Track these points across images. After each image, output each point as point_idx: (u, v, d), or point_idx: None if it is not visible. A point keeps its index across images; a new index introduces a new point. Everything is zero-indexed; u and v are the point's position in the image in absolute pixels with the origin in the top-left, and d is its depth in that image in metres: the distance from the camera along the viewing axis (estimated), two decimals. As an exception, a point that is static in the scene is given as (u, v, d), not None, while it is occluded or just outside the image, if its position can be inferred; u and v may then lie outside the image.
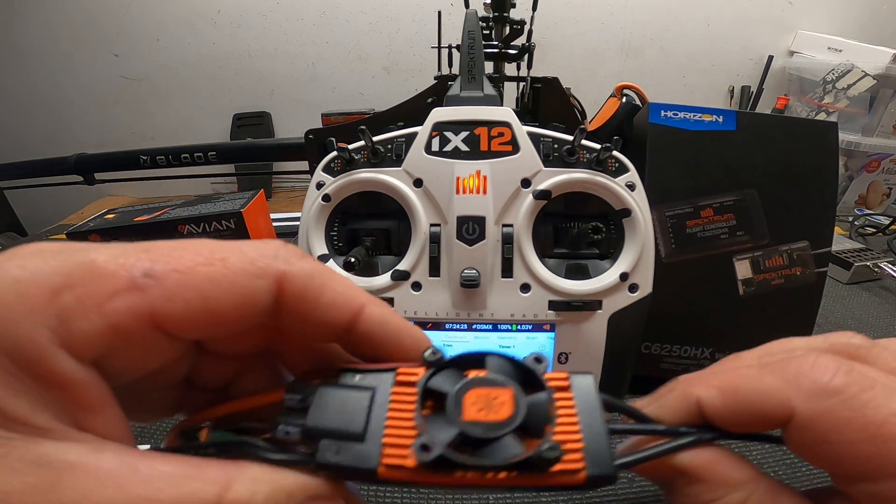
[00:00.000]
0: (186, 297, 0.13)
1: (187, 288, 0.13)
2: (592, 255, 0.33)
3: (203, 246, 0.14)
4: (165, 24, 1.20)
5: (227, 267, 0.14)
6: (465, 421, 0.14)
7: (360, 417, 0.15)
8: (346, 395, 0.16)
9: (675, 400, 0.17)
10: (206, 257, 0.14)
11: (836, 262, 0.60)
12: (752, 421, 0.16)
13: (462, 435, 0.14)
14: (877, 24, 1.23)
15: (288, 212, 0.82)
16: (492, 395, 0.14)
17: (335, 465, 0.14)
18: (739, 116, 0.37)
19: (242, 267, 0.14)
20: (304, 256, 0.16)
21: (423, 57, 1.22)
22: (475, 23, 0.34)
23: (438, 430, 0.14)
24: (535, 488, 0.14)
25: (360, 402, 0.15)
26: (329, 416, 0.15)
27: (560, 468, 0.14)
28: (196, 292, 0.14)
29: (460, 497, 0.31)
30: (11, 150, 1.23)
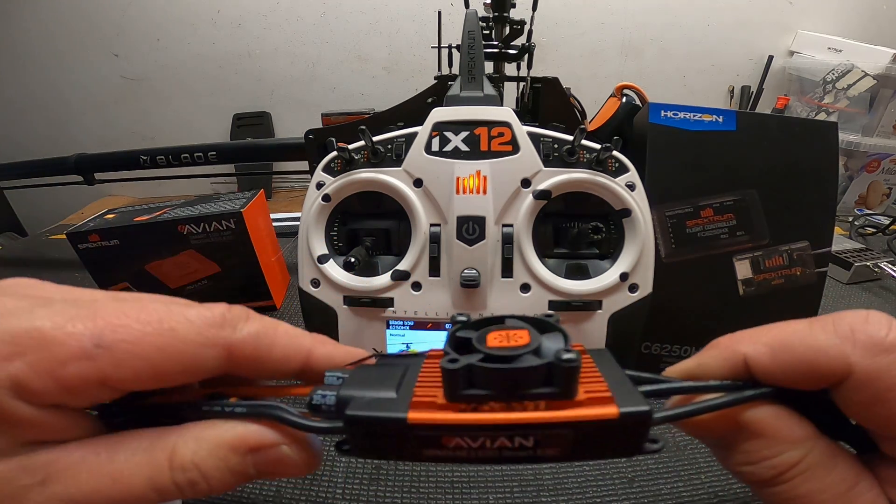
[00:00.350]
0: (135, 366, 0.15)
1: (135, 357, 0.15)
2: (592, 255, 0.33)
3: (151, 313, 0.15)
4: (165, 25, 1.20)
5: (176, 337, 0.15)
6: (488, 347, 0.15)
7: (393, 383, 0.16)
8: (380, 370, 0.17)
9: (718, 358, 0.17)
10: (155, 327, 0.15)
11: (836, 262, 0.60)
12: (804, 378, 0.15)
13: (486, 356, 0.14)
14: (877, 24, 1.23)
15: (288, 212, 0.82)
16: (511, 333, 0.15)
17: (364, 416, 0.15)
18: (739, 116, 0.37)
19: (191, 337, 0.15)
20: (248, 318, 0.17)
21: (423, 57, 1.22)
22: (475, 23, 0.34)
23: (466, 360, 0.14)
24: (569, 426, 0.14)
25: (392, 373, 0.17)
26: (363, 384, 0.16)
27: (590, 397, 0.14)
28: (144, 361, 0.15)
29: (460, 497, 0.31)
30: (11, 150, 1.23)
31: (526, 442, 0.14)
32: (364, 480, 0.32)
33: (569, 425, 0.14)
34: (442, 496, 0.31)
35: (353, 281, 0.31)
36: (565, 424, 0.14)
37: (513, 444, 0.15)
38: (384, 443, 0.15)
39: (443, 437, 0.15)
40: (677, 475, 0.32)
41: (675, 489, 0.31)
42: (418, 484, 0.32)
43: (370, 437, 0.15)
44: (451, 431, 0.15)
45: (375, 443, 0.15)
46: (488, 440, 0.15)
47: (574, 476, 0.32)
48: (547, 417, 0.14)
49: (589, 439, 0.15)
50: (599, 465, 0.33)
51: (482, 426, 0.14)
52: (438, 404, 0.15)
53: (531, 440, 0.14)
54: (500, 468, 0.33)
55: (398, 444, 0.15)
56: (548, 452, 0.15)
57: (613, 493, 0.31)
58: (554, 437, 0.14)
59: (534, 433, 0.14)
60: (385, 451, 0.15)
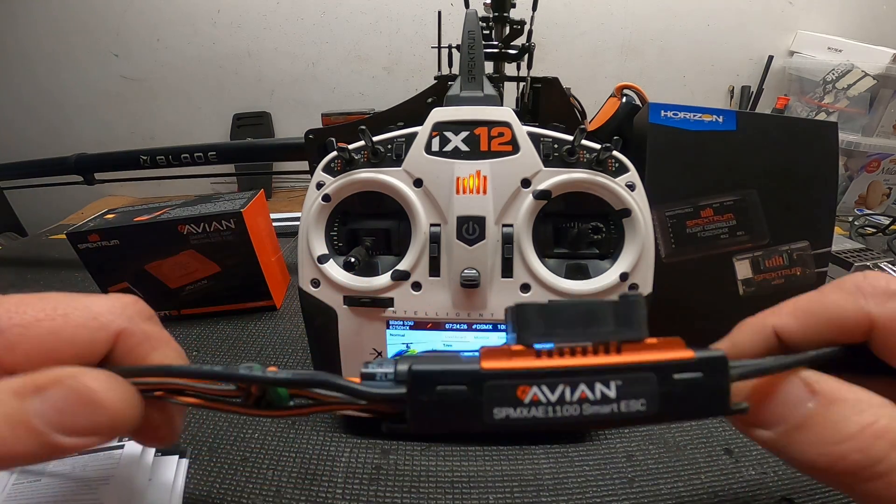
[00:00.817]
0: (26, 349, 0.16)
1: (27, 340, 0.16)
2: (592, 255, 0.33)
3: (50, 302, 0.16)
4: (165, 24, 1.20)
5: (68, 322, 0.16)
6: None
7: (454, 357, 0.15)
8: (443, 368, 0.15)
9: (749, 333, 0.18)
10: (48, 313, 0.16)
11: (836, 262, 0.60)
12: (833, 334, 0.16)
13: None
14: (877, 24, 1.23)
15: (288, 212, 0.82)
16: None
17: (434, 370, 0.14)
18: (739, 116, 0.37)
19: (84, 322, 0.17)
20: (150, 318, 0.18)
21: (423, 57, 1.22)
22: (475, 23, 0.34)
23: None
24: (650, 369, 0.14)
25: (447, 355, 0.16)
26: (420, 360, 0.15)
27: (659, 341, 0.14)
28: (35, 344, 0.16)
29: (460, 497, 0.31)
30: (11, 150, 1.23)
31: (608, 391, 0.14)
32: (364, 480, 0.32)
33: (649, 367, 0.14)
34: (442, 496, 0.31)
35: (353, 281, 0.31)
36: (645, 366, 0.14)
37: (594, 394, 0.14)
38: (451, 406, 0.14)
39: (518, 386, 0.14)
40: (677, 475, 0.32)
41: (675, 489, 0.31)
42: (418, 484, 0.32)
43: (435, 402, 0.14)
44: (527, 378, 0.14)
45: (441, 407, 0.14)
46: (568, 388, 0.14)
47: (574, 476, 0.32)
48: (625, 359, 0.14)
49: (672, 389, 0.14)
50: (599, 465, 0.33)
51: (560, 370, 0.14)
52: (512, 350, 0.14)
53: (613, 389, 0.14)
54: (500, 468, 0.33)
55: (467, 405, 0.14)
56: (633, 407, 0.14)
57: (613, 493, 0.31)
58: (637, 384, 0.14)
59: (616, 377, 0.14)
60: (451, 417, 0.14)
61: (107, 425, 0.15)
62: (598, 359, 0.14)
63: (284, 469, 0.33)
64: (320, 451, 0.34)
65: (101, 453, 0.32)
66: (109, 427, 0.15)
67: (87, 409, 0.15)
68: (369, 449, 0.34)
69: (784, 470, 0.32)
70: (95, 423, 0.15)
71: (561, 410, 0.14)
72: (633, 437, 0.36)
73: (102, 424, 0.15)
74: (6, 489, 0.29)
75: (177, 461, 0.32)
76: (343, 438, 0.35)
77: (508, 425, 0.14)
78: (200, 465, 0.33)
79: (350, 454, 0.34)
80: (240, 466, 0.33)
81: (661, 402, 0.14)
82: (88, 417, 0.15)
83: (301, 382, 0.15)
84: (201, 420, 0.38)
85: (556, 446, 0.35)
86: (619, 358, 0.14)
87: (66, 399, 0.15)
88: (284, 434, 0.36)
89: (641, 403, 0.14)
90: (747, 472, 0.32)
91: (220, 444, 0.35)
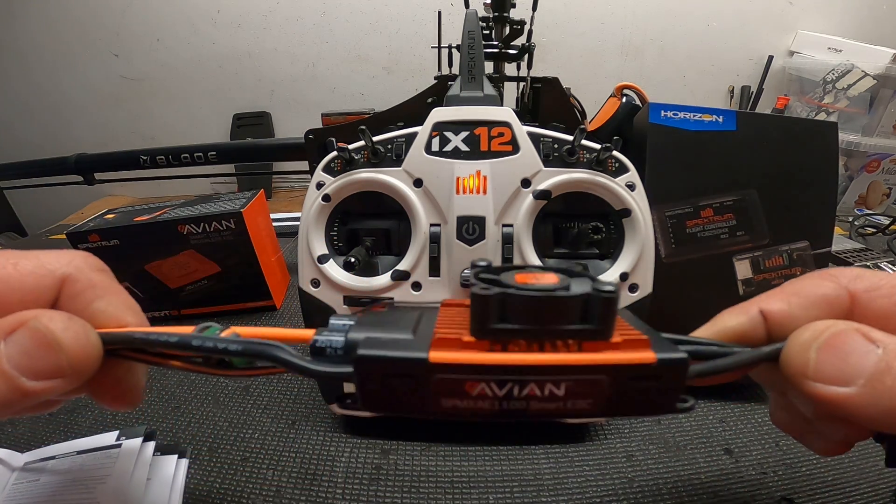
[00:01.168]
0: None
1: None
2: (592, 255, 0.33)
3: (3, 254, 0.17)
4: (165, 24, 1.20)
5: (17, 269, 0.17)
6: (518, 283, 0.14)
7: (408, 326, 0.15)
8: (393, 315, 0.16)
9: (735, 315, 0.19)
10: (1, 262, 0.17)
11: (836, 262, 0.60)
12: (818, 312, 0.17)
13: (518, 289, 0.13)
14: (877, 24, 1.23)
15: (288, 212, 0.82)
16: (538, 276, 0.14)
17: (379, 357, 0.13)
18: (739, 116, 0.37)
19: (32, 269, 0.17)
20: (101, 270, 0.19)
21: (423, 57, 1.22)
22: (475, 23, 0.34)
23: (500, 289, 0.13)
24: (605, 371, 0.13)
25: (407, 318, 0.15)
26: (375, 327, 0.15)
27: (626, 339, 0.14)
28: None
29: (460, 497, 0.31)
30: (11, 150, 1.23)
31: (557, 390, 0.13)
32: (364, 480, 0.32)
33: (605, 370, 0.13)
34: (442, 496, 0.31)
35: (353, 281, 0.31)
36: (601, 369, 0.13)
37: (542, 392, 0.13)
38: (398, 391, 0.14)
39: (466, 381, 0.13)
40: (677, 475, 0.32)
41: (675, 489, 0.31)
42: (418, 484, 0.32)
43: (382, 385, 0.14)
44: (476, 373, 0.13)
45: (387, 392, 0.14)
46: (517, 387, 0.13)
47: (574, 476, 0.32)
48: (583, 359, 0.13)
49: (624, 390, 0.13)
50: (599, 465, 0.33)
51: (512, 367, 0.13)
52: (464, 342, 0.13)
53: (563, 388, 0.13)
54: (500, 468, 0.33)
55: (414, 392, 0.14)
56: (579, 405, 0.14)
57: (613, 493, 0.31)
58: (588, 385, 0.13)
59: (567, 378, 0.13)
60: (397, 401, 0.14)
61: (67, 366, 0.16)
62: (553, 356, 0.13)
63: (284, 469, 0.33)
64: (320, 451, 0.34)
65: (99, 452, 0.32)
66: (70, 367, 0.16)
67: (48, 350, 0.15)
68: (369, 449, 0.34)
69: (784, 470, 0.32)
70: (56, 364, 0.15)
71: (508, 405, 0.13)
72: (633, 437, 0.36)
73: (63, 365, 0.16)
74: (6, 488, 0.29)
75: (176, 461, 0.32)
76: (343, 438, 0.35)
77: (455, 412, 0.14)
78: (200, 464, 0.33)
79: (350, 454, 0.34)
80: (240, 466, 0.33)
81: (609, 402, 0.14)
82: (50, 358, 0.15)
83: (251, 354, 0.15)
84: (201, 420, 0.38)
85: (556, 446, 0.35)
86: (574, 357, 0.13)
87: (31, 340, 0.15)
88: (284, 434, 0.36)
89: (588, 403, 0.14)
90: (747, 472, 0.32)
91: (220, 444, 0.35)
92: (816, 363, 0.15)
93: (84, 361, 0.16)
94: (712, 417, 0.37)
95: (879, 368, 0.14)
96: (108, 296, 0.19)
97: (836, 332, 0.15)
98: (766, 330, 0.18)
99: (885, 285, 0.17)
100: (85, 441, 0.33)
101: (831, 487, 0.31)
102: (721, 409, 0.38)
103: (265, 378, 0.42)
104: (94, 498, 0.28)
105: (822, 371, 0.15)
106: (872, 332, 0.15)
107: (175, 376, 0.43)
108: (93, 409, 0.39)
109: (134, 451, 0.31)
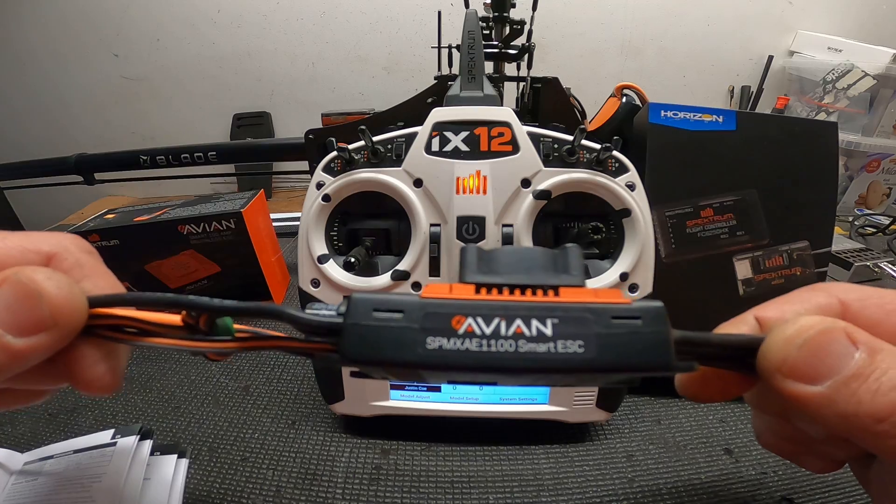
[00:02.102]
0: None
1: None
2: (592, 255, 0.33)
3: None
4: (165, 24, 1.20)
5: (4, 243, 0.18)
6: None
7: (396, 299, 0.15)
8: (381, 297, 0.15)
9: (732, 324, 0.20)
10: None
11: (836, 262, 0.60)
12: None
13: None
14: (877, 24, 1.23)
15: (288, 212, 0.82)
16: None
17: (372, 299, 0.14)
18: (739, 116, 0.37)
19: (18, 244, 0.18)
20: (89, 252, 0.19)
21: (423, 57, 1.22)
22: (475, 23, 0.34)
23: None
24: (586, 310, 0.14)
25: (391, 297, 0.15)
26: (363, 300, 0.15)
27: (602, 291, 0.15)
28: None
29: (460, 497, 0.31)
30: (11, 150, 1.23)
31: (544, 328, 0.14)
32: (364, 480, 0.32)
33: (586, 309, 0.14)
34: (442, 496, 0.31)
35: (353, 281, 0.31)
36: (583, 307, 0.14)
37: (530, 330, 0.14)
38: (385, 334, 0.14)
39: (454, 316, 0.14)
40: (677, 475, 0.32)
41: (675, 489, 0.31)
42: (418, 484, 0.32)
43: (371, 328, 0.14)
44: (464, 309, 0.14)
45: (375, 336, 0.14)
46: (504, 322, 0.14)
47: (574, 476, 0.32)
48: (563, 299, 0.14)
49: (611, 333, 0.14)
50: (599, 465, 0.33)
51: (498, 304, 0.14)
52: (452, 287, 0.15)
53: (549, 326, 0.14)
54: (500, 468, 0.33)
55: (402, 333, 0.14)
56: (570, 349, 0.14)
57: (613, 493, 0.31)
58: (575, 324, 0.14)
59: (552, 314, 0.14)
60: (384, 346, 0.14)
61: (50, 319, 0.15)
62: (536, 298, 0.14)
63: (284, 469, 0.33)
64: (320, 451, 0.34)
65: (95, 451, 0.32)
66: (53, 322, 0.15)
67: (31, 301, 0.15)
68: (369, 449, 0.34)
69: (784, 470, 0.32)
70: (39, 318, 0.15)
71: (496, 345, 0.13)
72: (633, 437, 0.36)
73: (46, 318, 0.15)
74: (6, 489, 0.29)
75: (176, 461, 0.32)
76: (343, 438, 0.35)
77: (442, 356, 0.13)
78: (200, 464, 0.33)
79: (350, 454, 0.34)
80: (240, 466, 0.33)
81: (599, 345, 0.14)
82: (33, 311, 0.15)
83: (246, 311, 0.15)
84: (201, 420, 0.38)
85: (556, 446, 0.35)
86: (556, 298, 0.14)
87: (13, 293, 0.15)
88: (284, 434, 0.36)
89: (579, 345, 0.14)
90: (747, 472, 0.32)
91: (220, 444, 0.35)
92: (794, 360, 0.15)
93: (68, 314, 0.16)
94: (712, 417, 0.37)
95: (853, 373, 0.15)
96: (95, 277, 0.19)
97: (822, 329, 0.15)
98: None
99: (873, 295, 0.18)
100: (82, 440, 0.33)
101: (831, 487, 0.31)
102: (721, 409, 0.38)
103: (265, 378, 0.42)
104: (91, 496, 0.28)
105: (796, 368, 0.15)
106: (857, 334, 0.15)
107: (175, 376, 0.43)
108: (92, 409, 0.39)
109: (129, 449, 0.31)
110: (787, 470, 0.32)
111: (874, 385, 0.14)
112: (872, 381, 0.14)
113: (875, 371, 0.15)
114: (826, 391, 0.15)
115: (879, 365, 0.15)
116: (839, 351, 0.15)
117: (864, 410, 0.14)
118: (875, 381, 0.14)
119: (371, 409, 0.34)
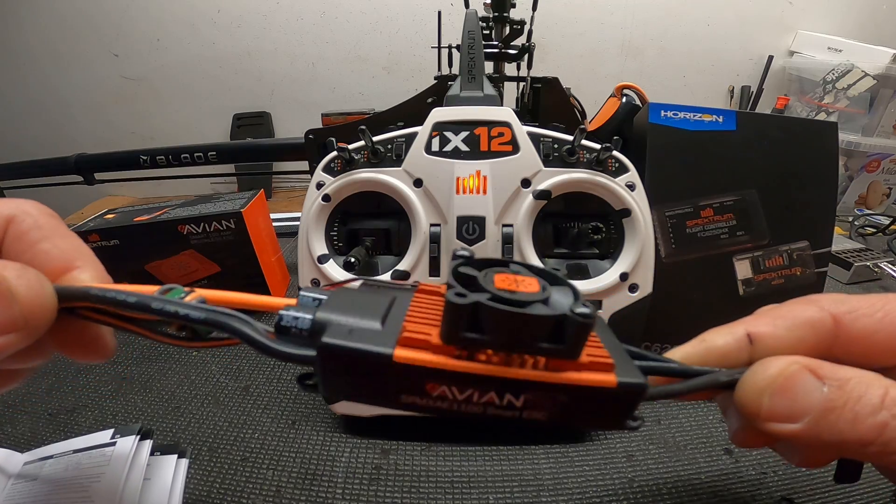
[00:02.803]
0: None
1: None
2: (592, 255, 0.33)
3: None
4: (165, 24, 1.20)
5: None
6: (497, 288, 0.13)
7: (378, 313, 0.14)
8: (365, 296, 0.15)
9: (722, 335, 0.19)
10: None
11: (836, 262, 0.60)
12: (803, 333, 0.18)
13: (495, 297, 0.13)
14: (877, 24, 1.23)
15: (288, 212, 0.82)
16: (519, 279, 0.14)
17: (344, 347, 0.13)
18: (739, 116, 0.37)
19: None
20: (50, 215, 0.19)
21: (423, 57, 1.22)
22: (475, 23, 0.34)
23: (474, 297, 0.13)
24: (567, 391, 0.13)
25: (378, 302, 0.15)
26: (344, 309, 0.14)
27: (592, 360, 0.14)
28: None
29: (460, 497, 0.31)
30: (11, 150, 1.23)
31: (515, 401, 0.14)
32: (364, 480, 0.32)
33: (567, 389, 0.13)
34: (442, 496, 0.31)
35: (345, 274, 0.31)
36: (564, 388, 0.13)
37: (501, 401, 0.14)
38: (359, 382, 0.14)
39: (428, 382, 0.13)
40: (677, 475, 0.32)
41: (675, 489, 0.31)
42: (418, 484, 0.32)
43: (344, 373, 0.13)
44: (440, 378, 0.13)
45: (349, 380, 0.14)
46: (477, 393, 0.13)
47: (574, 476, 0.32)
48: (548, 378, 0.13)
49: (579, 406, 0.14)
50: (599, 465, 0.33)
51: (477, 377, 0.13)
52: (432, 344, 0.13)
53: (521, 400, 0.14)
54: (500, 468, 0.33)
55: (375, 384, 0.14)
56: (533, 415, 0.14)
57: (613, 493, 0.31)
58: (546, 400, 0.14)
59: (528, 393, 0.13)
60: (357, 391, 0.14)
61: (21, 317, 0.15)
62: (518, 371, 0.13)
63: (284, 469, 0.33)
64: (320, 451, 0.34)
65: (94, 450, 0.32)
66: (24, 320, 0.15)
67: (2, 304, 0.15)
68: (369, 449, 0.34)
69: (784, 470, 0.32)
70: (10, 317, 0.15)
71: (465, 407, 0.14)
72: (633, 437, 0.35)
73: (17, 317, 0.15)
74: (6, 490, 0.29)
75: (176, 461, 0.32)
76: (343, 438, 0.35)
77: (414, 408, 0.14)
78: (200, 465, 0.33)
79: (350, 454, 0.34)
80: (240, 466, 0.33)
81: (562, 414, 0.14)
82: (4, 312, 0.15)
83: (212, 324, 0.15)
84: (201, 420, 0.37)
85: (556, 446, 0.35)
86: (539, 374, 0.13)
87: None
88: (284, 434, 0.36)
89: (542, 414, 0.14)
90: (747, 472, 0.32)
91: (220, 444, 0.35)
92: (769, 406, 0.16)
93: (39, 313, 0.15)
94: (712, 417, 0.37)
95: (825, 407, 0.15)
96: (55, 238, 0.18)
97: (788, 375, 0.16)
98: (749, 354, 0.18)
99: (863, 306, 0.18)
100: (81, 440, 0.33)
101: (831, 487, 0.31)
102: (721, 409, 0.38)
103: (265, 378, 0.42)
104: (90, 496, 0.28)
105: (773, 411, 0.16)
106: (822, 369, 0.16)
107: (175, 376, 0.43)
108: (92, 409, 0.39)
109: (129, 449, 0.31)
110: (787, 470, 0.32)
111: (850, 414, 0.15)
112: (848, 411, 0.15)
113: (848, 401, 0.15)
114: (806, 427, 0.16)
115: (851, 394, 0.15)
116: (807, 388, 0.16)
117: (847, 438, 0.15)
118: (850, 410, 0.15)
119: (371, 409, 0.34)
